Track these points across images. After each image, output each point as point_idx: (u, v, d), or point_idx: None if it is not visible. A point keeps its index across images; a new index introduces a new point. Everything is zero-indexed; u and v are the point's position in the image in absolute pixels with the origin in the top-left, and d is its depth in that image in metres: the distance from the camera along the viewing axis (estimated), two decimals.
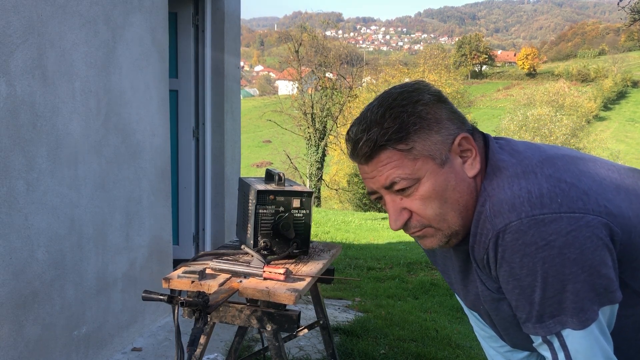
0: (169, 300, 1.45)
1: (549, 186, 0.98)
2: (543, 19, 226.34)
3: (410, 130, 1.01)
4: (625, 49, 76.93)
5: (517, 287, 0.99)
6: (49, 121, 2.43)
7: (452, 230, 1.06)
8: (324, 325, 2.42)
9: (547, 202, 0.96)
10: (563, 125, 29.20)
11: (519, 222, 0.95)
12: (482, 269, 1.07)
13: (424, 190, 1.02)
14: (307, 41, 26.41)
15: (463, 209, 1.04)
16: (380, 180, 1.04)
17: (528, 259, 0.95)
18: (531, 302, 0.98)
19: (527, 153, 1.07)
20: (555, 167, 1.02)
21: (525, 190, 0.98)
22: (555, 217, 0.94)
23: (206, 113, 4.03)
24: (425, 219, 1.04)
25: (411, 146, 1.01)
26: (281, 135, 29.03)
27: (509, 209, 0.97)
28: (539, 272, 0.95)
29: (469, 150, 1.05)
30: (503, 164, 1.04)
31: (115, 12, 2.87)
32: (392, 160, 1.02)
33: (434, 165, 1.02)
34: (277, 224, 2.04)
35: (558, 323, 0.98)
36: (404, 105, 1.02)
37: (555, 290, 0.95)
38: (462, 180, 1.04)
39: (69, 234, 2.58)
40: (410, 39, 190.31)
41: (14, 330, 2.29)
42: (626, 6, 7.34)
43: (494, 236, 0.98)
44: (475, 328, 1.43)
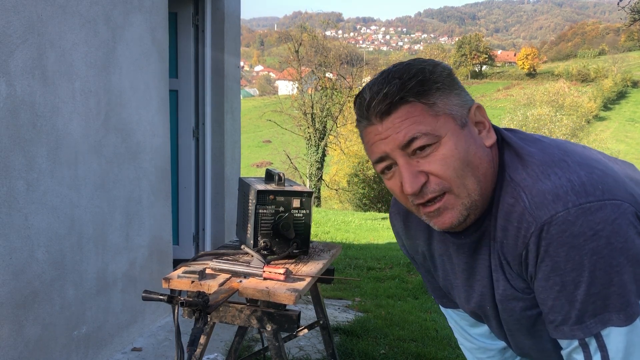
0: (169, 300, 1.45)
1: (586, 173, 0.93)
2: (543, 19, 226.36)
3: (433, 87, 0.95)
4: (625, 49, 76.95)
5: (558, 283, 0.92)
6: (49, 121, 2.43)
7: (472, 200, 0.98)
8: (324, 325, 2.42)
9: (591, 190, 0.90)
10: (563, 125, 29.22)
11: (566, 212, 0.89)
12: (513, 266, 1.00)
13: (446, 150, 0.95)
14: (307, 41, 26.42)
15: (483, 177, 0.98)
16: (397, 138, 0.95)
17: (575, 251, 0.89)
18: (572, 300, 0.92)
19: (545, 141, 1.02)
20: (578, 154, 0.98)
21: (566, 179, 0.92)
22: (600, 204, 0.89)
23: (206, 113, 4.03)
24: (446, 180, 0.96)
25: (433, 101, 0.95)
26: (281, 135, 29.04)
27: (553, 199, 0.91)
28: (586, 265, 0.89)
29: (482, 123, 1.01)
30: (525, 151, 0.99)
31: (115, 12, 2.87)
32: (412, 114, 0.94)
33: (455, 126, 0.96)
34: (277, 224, 2.04)
35: (600, 322, 0.91)
36: (423, 65, 0.98)
37: (602, 284, 0.90)
38: (481, 147, 0.98)
39: (69, 234, 2.58)
40: (410, 39, 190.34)
41: (14, 330, 2.29)
42: (626, 6, 7.35)
43: (538, 229, 0.91)
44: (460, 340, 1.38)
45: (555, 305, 0.95)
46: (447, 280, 1.20)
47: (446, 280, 1.21)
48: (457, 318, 1.34)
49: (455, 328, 1.37)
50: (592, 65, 62.52)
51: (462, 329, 1.34)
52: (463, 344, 1.38)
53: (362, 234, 10.51)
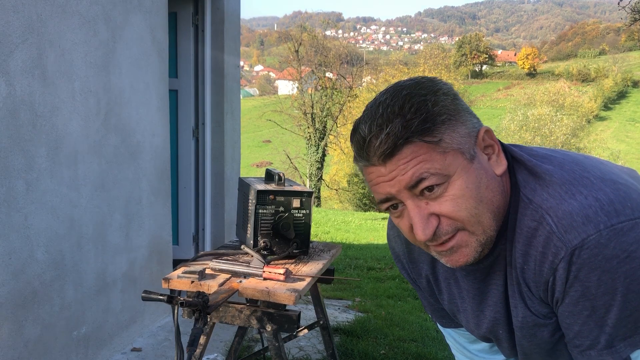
0: (169, 300, 1.45)
1: (612, 190, 0.87)
2: (543, 18, 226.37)
3: (437, 121, 0.87)
4: (626, 49, 76.95)
5: (588, 308, 0.88)
6: (48, 121, 2.43)
7: (488, 236, 0.92)
8: (324, 326, 2.41)
9: (621, 209, 0.85)
10: (563, 125, 29.20)
11: (598, 235, 0.84)
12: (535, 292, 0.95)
13: (457, 189, 0.88)
14: (307, 41, 26.43)
15: (497, 210, 0.92)
16: (403, 179, 0.88)
17: (608, 275, 0.84)
18: (602, 324, 0.88)
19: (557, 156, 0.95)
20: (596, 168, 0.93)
21: (593, 199, 0.86)
22: (632, 224, 0.84)
23: (206, 113, 4.03)
24: (459, 221, 0.90)
25: (439, 138, 0.87)
26: (281, 135, 29.04)
27: (583, 221, 0.85)
28: (619, 289, 0.85)
29: (491, 146, 0.93)
30: (541, 169, 0.92)
31: (115, 12, 2.86)
32: (418, 154, 0.87)
33: (464, 161, 0.89)
34: (277, 224, 2.04)
35: (630, 345, 0.88)
36: (424, 94, 0.89)
37: (634, 307, 0.85)
38: (492, 178, 0.92)
39: (68, 234, 2.58)
40: (411, 39, 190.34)
41: (13, 330, 2.29)
42: (626, 6, 7.34)
43: (569, 254, 0.86)
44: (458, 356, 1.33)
45: (583, 330, 0.91)
46: (453, 303, 1.15)
47: (452, 304, 1.15)
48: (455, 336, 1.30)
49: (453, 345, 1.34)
50: (593, 65, 62.51)
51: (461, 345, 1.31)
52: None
53: (362, 234, 10.51)
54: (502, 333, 1.07)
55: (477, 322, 1.10)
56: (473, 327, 1.13)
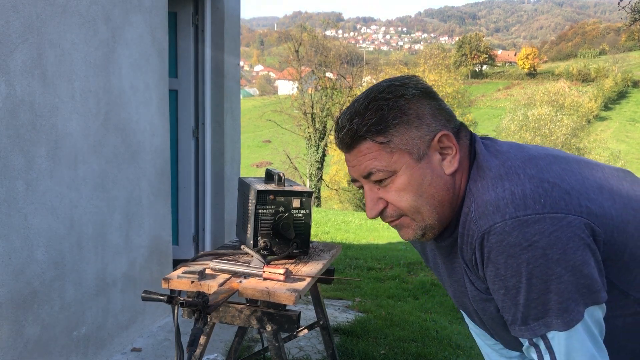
0: (169, 300, 1.45)
1: (532, 187, 0.99)
2: (543, 18, 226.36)
3: (390, 124, 1.04)
4: (626, 49, 76.93)
5: (502, 287, 1.00)
6: (48, 121, 2.43)
7: (427, 224, 1.08)
8: (324, 326, 2.41)
9: (531, 203, 0.97)
10: (563, 125, 29.20)
11: (503, 223, 0.97)
12: (471, 269, 1.09)
13: (399, 183, 1.05)
14: (307, 41, 26.42)
15: (438, 204, 1.06)
16: (359, 169, 1.07)
17: (512, 260, 0.96)
18: (516, 303, 1.00)
19: (511, 153, 1.08)
20: (538, 167, 1.03)
21: (509, 192, 0.99)
22: (538, 217, 0.95)
23: (206, 113, 4.03)
24: (400, 209, 1.07)
25: (389, 139, 1.04)
26: (281, 135, 29.03)
27: (494, 210, 0.99)
28: (524, 273, 0.96)
29: (449, 148, 1.07)
30: (486, 164, 1.06)
31: (115, 12, 2.86)
32: (370, 151, 1.05)
33: (410, 160, 1.04)
34: (277, 224, 2.04)
35: (543, 325, 0.99)
36: (387, 98, 1.05)
37: (540, 291, 0.97)
38: (439, 177, 1.06)
39: (68, 234, 2.58)
40: (411, 39, 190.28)
41: (13, 331, 2.29)
42: (626, 6, 7.33)
43: (479, 237, 1.00)
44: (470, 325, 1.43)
45: (504, 306, 1.03)
46: (437, 272, 1.29)
47: (437, 272, 1.30)
48: None
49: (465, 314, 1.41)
50: (593, 65, 62.47)
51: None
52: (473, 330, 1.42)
53: (362, 234, 10.50)
54: (469, 306, 1.20)
55: (452, 293, 1.25)
56: (452, 296, 1.27)
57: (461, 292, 1.18)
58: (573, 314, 0.96)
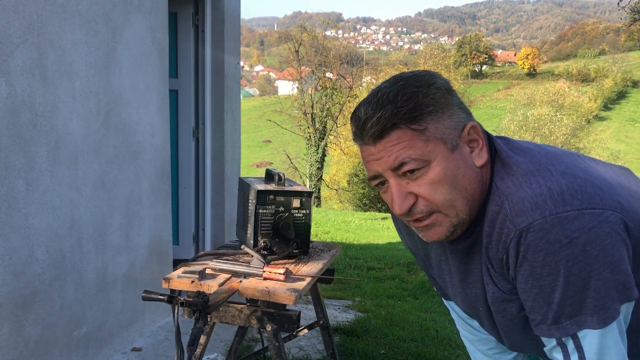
0: (169, 300, 1.45)
1: (567, 183, 0.96)
2: (543, 18, 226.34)
3: (425, 112, 0.98)
4: (626, 49, 76.91)
5: (536, 286, 0.97)
6: (48, 121, 2.43)
7: (460, 219, 1.02)
8: (324, 325, 2.42)
9: (569, 199, 0.94)
10: (563, 125, 29.20)
11: (543, 220, 0.94)
12: (497, 269, 1.05)
13: (434, 174, 0.99)
14: (307, 41, 26.42)
15: (470, 197, 1.02)
16: (388, 161, 0.99)
17: (551, 257, 0.94)
18: (549, 302, 0.97)
19: (534, 150, 1.05)
20: (564, 163, 1.01)
21: (546, 188, 0.96)
22: (577, 214, 0.93)
23: (206, 113, 4.03)
24: (433, 203, 1.01)
25: (424, 127, 0.98)
26: (281, 135, 29.03)
27: (532, 207, 0.95)
28: (562, 271, 0.94)
29: (476, 141, 1.03)
30: (513, 161, 1.03)
31: (115, 12, 2.86)
32: (403, 140, 0.98)
33: (445, 150, 0.99)
34: (277, 224, 2.04)
35: (575, 324, 0.96)
36: (418, 86, 1.00)
37: (577, 288, 0.94)
38: (471, 168, 1.02)
39: (68, 234, 2.58)
40: (411, 39, 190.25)
41: (14, 330, 2.29)
42: (626, 6, 7.34)
43: (517, 235, 0.96)
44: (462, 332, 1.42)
45: (535, 306, 1.00)
46: (441, 279, 1.25)
47: (441, 279, 1.26)
48: (458, 311, 1.38)
49: (458, 320, 1.41)
50: (592, 65, 62.45)
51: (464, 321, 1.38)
52: (465, 336, 1.42)
53: (362, 234, 10.50)
54: (482, 310, 1.17)
55: (462, 298, 1.21)
56: (459, 302, 1.23)
57: (475, 295, 1.15)
58: (610, 312, 0.94)
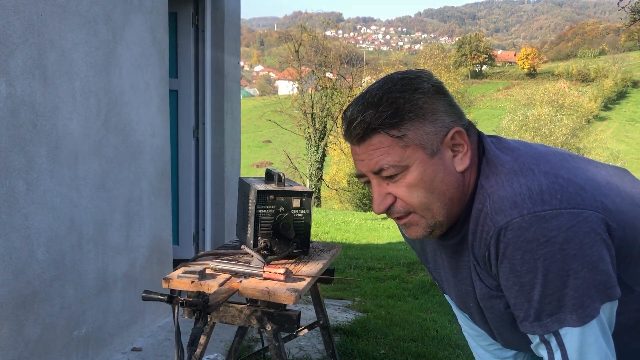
0: (169, 300, 1.45)
1: (548, 182, 0.98)
2: (543, 18, 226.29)
3: (405, 117, 1.01)
4: (626, 49, 76.89)
5: (516, 284, 0.99)
6: (49, 121, 2.43)
7: (436, 221, 1.05)
8: (324, 325, 2.42)
9: (548, 199, 0.96)
10: (563, 125, 29.19)
11: (521, 219, 0.95)
12: (482, 266, 1.07)
13: (411, 179, 1.02)
14: (307, 41, 26.41)
15: (448, 201, 1.04)
16: (369, 164, 1.04)
17: (529, 255, 0.95)
18: (530, 299, 0.98)
19: (521, 150, 1.07)
20: (550, 163, 1.03)
21: (526, 187, 0.98)
22: (555, 213, 0.95)
23: (206, 113, 4.03)
24: (410, 205, 1.04)
25: (403, 133, 1.01)
26: (281, 135, 29.03)
27: (510, 205, 0.97)
28: (540, 269, 0.95)
29: (461, 145, 1.05)
30: (499, 160, 1.05)
31: (116, 12, 2.86)
32: (382, 145, 1.01)
33: (424, 155, 1.02)
34: (277, 224, 2.04)
35: (556, 321, 0.98)
36: (402, 91, 1.02)
37: (556, 287, 0.96)
38: (450, 174, 1.04)
39: (68, 234, 2.58)
40: (411, 39, 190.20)
41: (14, 330, 2.29)
42: (626, 6, 7.34)
43: (496, 233, 0.98)
44: (463, 327, 1.44)
45: (517, 303, 1.02)
46: (437, 272, 1.28)
47: (436, 273, 1.29)
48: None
49: (458, 314, 1.42)
50: (592, 65, 62.43)
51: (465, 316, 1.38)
52: (466, 331, 1.43)
53: (362, 234, 10.51)
54: (472, 306, 1.19)
55: (455, 293, 1.23)
56: (453, 296, 1.26)
57: (465, 291, 1.17)
58: (589, 310, 0.96)
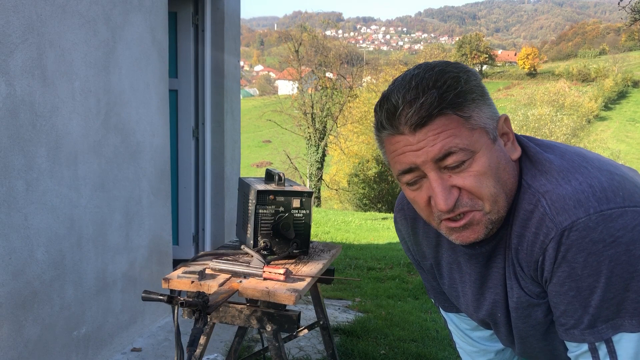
0: (169, 300, 1.45)
1: (606, 179, 0.91)
2: (543, 18, 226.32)
3: (468, 98, 0.91)
4: (626, 49, 76.92)
5: (573, 288, 0.91)
6: (48, 121, 2.43)
7: (500, 216, 0.96)
8: (324, 326, 2.41)
9: (612, 196, 0.89)
10: (563, 125, 29.20)
11: (587, 219, 0.88)
12: (526, 272, 0.99)
13: (480, 166, 0.91)
14: (307, 41, 26.42)
15: (509, 192, 0.96)
16: (431, 151, 0.90)
17: (594, 257, 0.88)
18: (586, 305, 0.91)
19: (562, 147, 1.00)
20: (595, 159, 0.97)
21: (587, 185, 0.90)
22: (621, 211, 0.88)
23: (206, 113, 4.03)
24: (479, 197, 0.93)
25: (469, 114, 0.90)
26: (281, 135, 29.04)
27: (574, 204, 0.89)
28: (604, 272, 0.88)
29: (507, 134, 0.98)
30: (543, 157, 0.97)
31: (115, 12, 2.86)
32: (448, 127, 0.89)
33: (488, 140, 0.93)
34: (277, 224, 2.04)
35: (611, 327, 0.91)
36: (457, 72, 0.92)
37: (618, 290, 0.89)
38: (509, 162, 0.96)
39: (68, 234, 2.58)
40: (411, 39, 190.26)
41: (13, 331, 2.29)
42: (626, 6, 7.34)
43: (558, 234, 0.90)
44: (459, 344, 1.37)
45: (569, 309, 0.94)
46: (453, 288, 1.18)
47: (452, 288, 1.19)
48: (457, 321, 1.33)
49: (455, 331, 1.36)
50: (593, 65, 62.44)
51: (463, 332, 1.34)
52: (462, 347, 1.37)
53: (362, 234, 10.50)
54: (500, 316, 1.10)
55: (476, 306, 1.13)
56: (472, 311, 1.16)
57: (493, 300, 1.08)
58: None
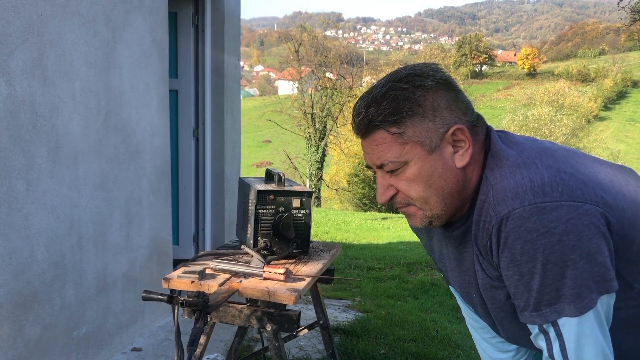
0: (169, 300, 1.45)
1: (550, 175, 1.01)
2: (543, 18, 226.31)
3: (405, 115, 1.05)
4: (626, 49, 76.92)
5: (516, 273, 1.02)
6: (49, 121, 2.43)
7: (433, 213, 1.11)
8: (324, 325, 2.41)
9: (549, 191, 0.99)
10: (563, 125, 29.22)
11: (522, 210, 0.98)
12: (484, 256, 1.10)
13: (410, 173, 1.08)
14: (307, 41, 26.41)
15: (447, 195, 1.09)
16: (372, 158, 1.11)
17: (529, 245, 0.98)
18: (529, 289, 1.01)
19: (526, 144, 1.10)
20: (554, 157, 1.06)
21: (528, 179, 1.01)
22: (556, 205, 0.97)
23: (206, 113, 4.03)
24: (409, 197, 1.11)
25: (402, 130, 1.06)
26: (281, 135, 29.03)
27: (512, 196, 1.00)
28: (539, 259, 0.98)
29: (463, 142, 1.08)
30: (504, 154, 1.08)
31: (115, 12, 2.86)
32: (383, 141, 1.07)
33: (422, 152, 1.07)
34: (277, 224, 2.04)
35: (554, 311, 1.00)
36: (404, 88, 1.06)
37: (554, 277, 0.98)
38: (449, 169, 1.08)
39: (68, 234, 2.58)
40: (410, 39, 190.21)
41: (13, 330, 2.29)
42: (626, 6, 7.34)
43: (497, 222, 1.02)
44: (467, 319, 1.45)
45: (517, 292, 1.04)
46: (442, 263, 1.31)
47: (441, 263, 1.31)
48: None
49: (463, 307, 1.43)
50: (592, 65, 62.46)
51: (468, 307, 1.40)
52: (470, 323, 1.44)
53: (362, 234, 10.50)
54: (475, 297, 1.22)
55: (459, 284, 1.26)
56: (457, 287, 1.29)
57: (468, 282, 1.20)
58: (586, 301, 0.98)
